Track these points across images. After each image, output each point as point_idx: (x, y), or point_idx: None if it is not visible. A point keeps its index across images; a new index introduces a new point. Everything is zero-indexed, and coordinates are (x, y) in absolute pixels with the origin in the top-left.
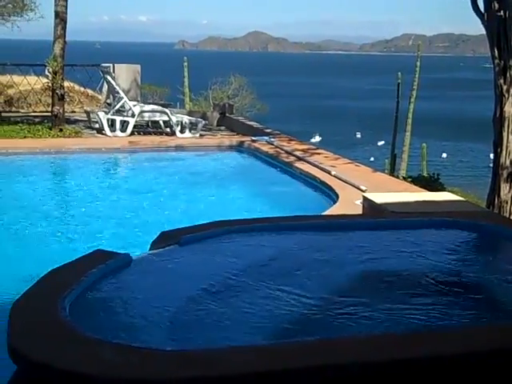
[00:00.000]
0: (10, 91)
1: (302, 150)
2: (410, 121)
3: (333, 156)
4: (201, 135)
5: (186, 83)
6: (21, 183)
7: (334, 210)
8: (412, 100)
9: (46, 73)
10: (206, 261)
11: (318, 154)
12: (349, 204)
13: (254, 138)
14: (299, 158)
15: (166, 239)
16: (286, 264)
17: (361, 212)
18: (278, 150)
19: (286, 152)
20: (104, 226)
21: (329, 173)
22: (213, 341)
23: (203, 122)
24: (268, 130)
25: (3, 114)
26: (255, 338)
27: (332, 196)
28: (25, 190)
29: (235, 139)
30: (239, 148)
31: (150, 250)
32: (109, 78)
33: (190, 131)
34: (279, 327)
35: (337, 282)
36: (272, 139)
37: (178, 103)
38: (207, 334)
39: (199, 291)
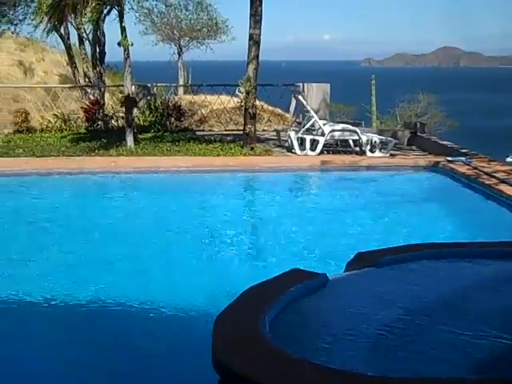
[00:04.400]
0: (203, 110)
1: (505, 172)
2: None
3: None
4: (391, 155)
5: (374, 101)
6: (217, 199)
7: None
8: None
9: (237, 92)
10: (405, 285)
11: None
12: None
13: (449, 159)
14: (502, 181)
15: (361, 260)
16: (489, 295)
17: None
18: (476, 171)
19: (487, 174)
20: (297, 244)
21: None
22: (412, 369)
23: (394, 141)
24: (464, 150)
25: (197, 133)
26: (458, 372)
27: None
28: (220, 206)
29: (429, 159)
30: (434, 168)
31: (346, 270)
32: (300, 97)
33: (380, 150)
34: (480, 361)
35: None
36: (469, 160)
37: (364, 122)
38: (407, 362)
39: (398, 316)
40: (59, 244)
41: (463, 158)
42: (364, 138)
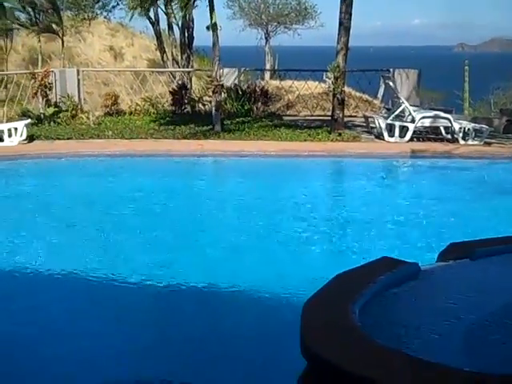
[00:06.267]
0: (290, 96)
1: None
2: None
3: None
4: (486, 143)
5: (466, 88)
6: (306, 184)
7: None
8: None
9: (324, 78)
10: (500, 278)
11: None
12: None
13: None
14: None
15: (454, 251)
16: None
17: None
18: None
19: None
20: (389, 231)
21: None
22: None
23: (489, 128)
24: None
25: (284, 118)
26: None
27: None
28: (309, 191)
29: None
30: None
31: (438, 261)
32: (390, 83)
33: (473, 138)
34: None
35: None
36: None
37: (455, 108)
38: (504, 358)
39: (494, 310)
40: (148, 227)
41: None
42: (456, 126)
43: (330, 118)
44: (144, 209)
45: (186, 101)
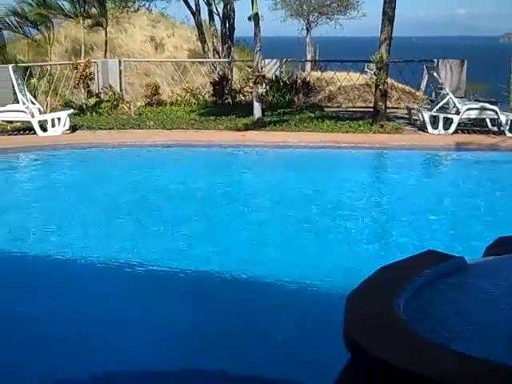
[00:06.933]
0: (331, 87)
1: None
2: None
3: None
4: None
5: None
6: (350, 176)
7: None
8: None
9: (366, 69)
10: None
11: None
12: None
13: None
14: None
15: (503, 245)
16: None
17: None
18: None
19: None
20: (434, 225)
21: None
22: None
23: None
24: None
25: (325, 109)
26: None
27: None
28: (352, 183)
29: None
30: None
31: (485, 255)
32: (434, 73)
33: None
34: None
35: None
36: None
37: (501, 100)
38: None
39: None
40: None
41: None
42: (503, 118)
43: (371, 109)
44: (192, 197)
45: (226, 91)
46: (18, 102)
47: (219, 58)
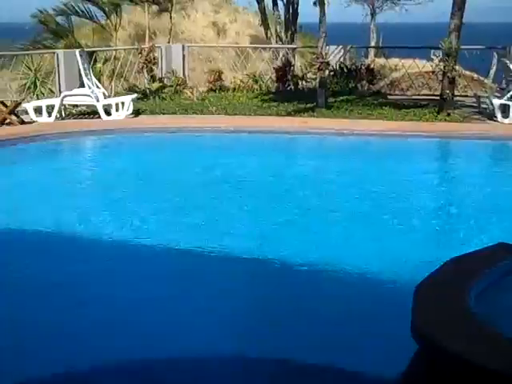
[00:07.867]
0: (395, 74)
1: None
2: None
3: None
4: None
5: None
6: (415, 166)
7: None
8: None
9: (432, 56)
10: None
11: None
12: None
13: None
14: None
15: None
16: None
17: None
18: None
19: None
20: (506, 218)
21: None
22: None
23: None
24: None
25: (389, 97)
26: None
27: None
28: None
29: None
30: None
31: None
32: (506, 61)
33: None
34: None
35: None
36: None
37: None
38: None
39: None
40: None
41: None
42: None
43: (437, 97)
44: (263, 184)
45: (289, 78)
46: (83, 87)
47: (282, 43)
